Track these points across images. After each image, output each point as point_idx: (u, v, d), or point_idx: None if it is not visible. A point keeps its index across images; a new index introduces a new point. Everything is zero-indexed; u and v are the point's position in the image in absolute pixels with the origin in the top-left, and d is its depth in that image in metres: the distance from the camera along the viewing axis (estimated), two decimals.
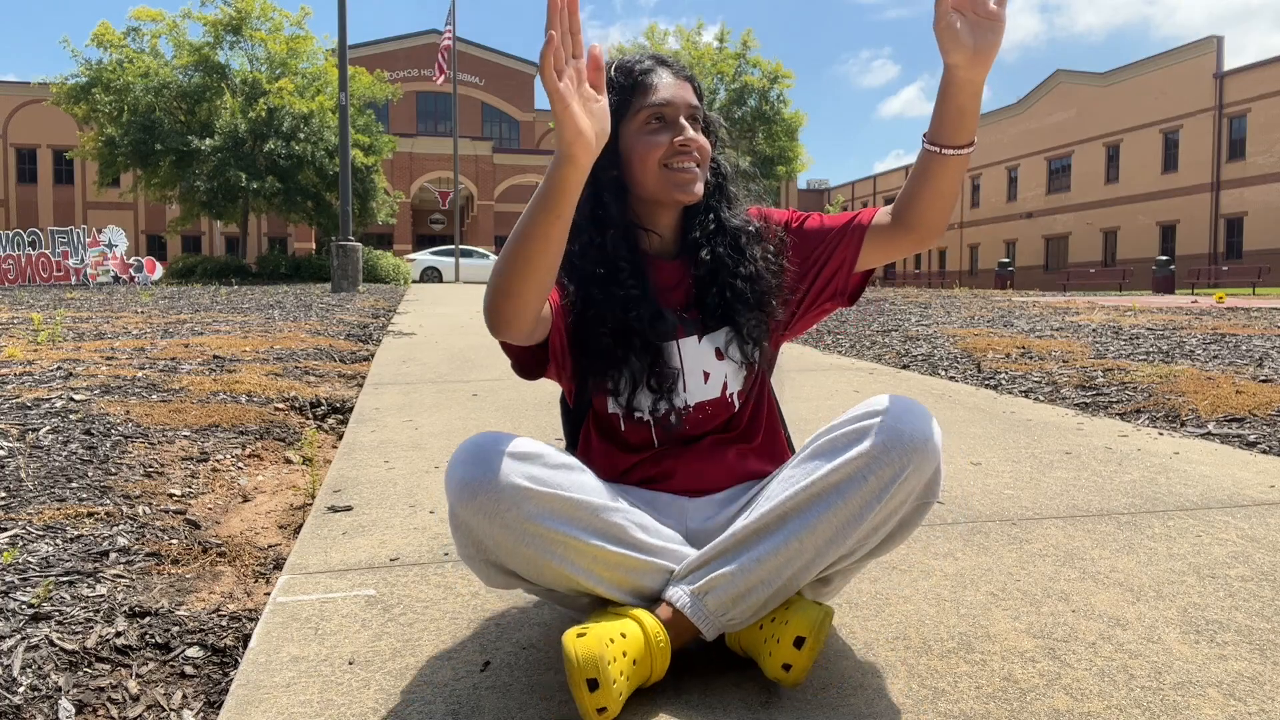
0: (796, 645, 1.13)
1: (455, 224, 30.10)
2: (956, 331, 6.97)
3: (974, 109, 1.23)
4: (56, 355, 4.89)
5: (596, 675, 1.06)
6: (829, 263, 1.41)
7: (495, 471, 1.13)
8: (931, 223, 1.33)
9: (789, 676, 1.14)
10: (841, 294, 1.43)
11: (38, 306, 10.06)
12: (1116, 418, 3.44)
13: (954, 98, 1.22)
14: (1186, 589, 1.56)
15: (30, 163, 43.57)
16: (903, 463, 1.16)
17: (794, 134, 29.23)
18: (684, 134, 1.32)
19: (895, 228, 1.36)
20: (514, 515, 1.13)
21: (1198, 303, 12.35)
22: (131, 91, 22.51)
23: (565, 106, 1.03)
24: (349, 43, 14.55)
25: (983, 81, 1.21)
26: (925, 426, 1.20)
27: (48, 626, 1.45)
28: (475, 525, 1.14)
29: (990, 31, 1.17)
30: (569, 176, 1.07)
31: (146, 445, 2.78)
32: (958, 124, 1.24)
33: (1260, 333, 6.37)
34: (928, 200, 1.31)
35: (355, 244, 14.15)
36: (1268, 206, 33.13)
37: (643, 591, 1.21)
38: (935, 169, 1.28)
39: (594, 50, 1.07)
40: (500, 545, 1.14)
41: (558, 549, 1.15)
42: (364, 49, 44.45)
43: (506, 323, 1.17)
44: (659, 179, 1.32)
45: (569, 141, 1.05)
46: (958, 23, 1.16)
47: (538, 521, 1.14)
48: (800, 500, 1.18)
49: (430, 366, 4.91)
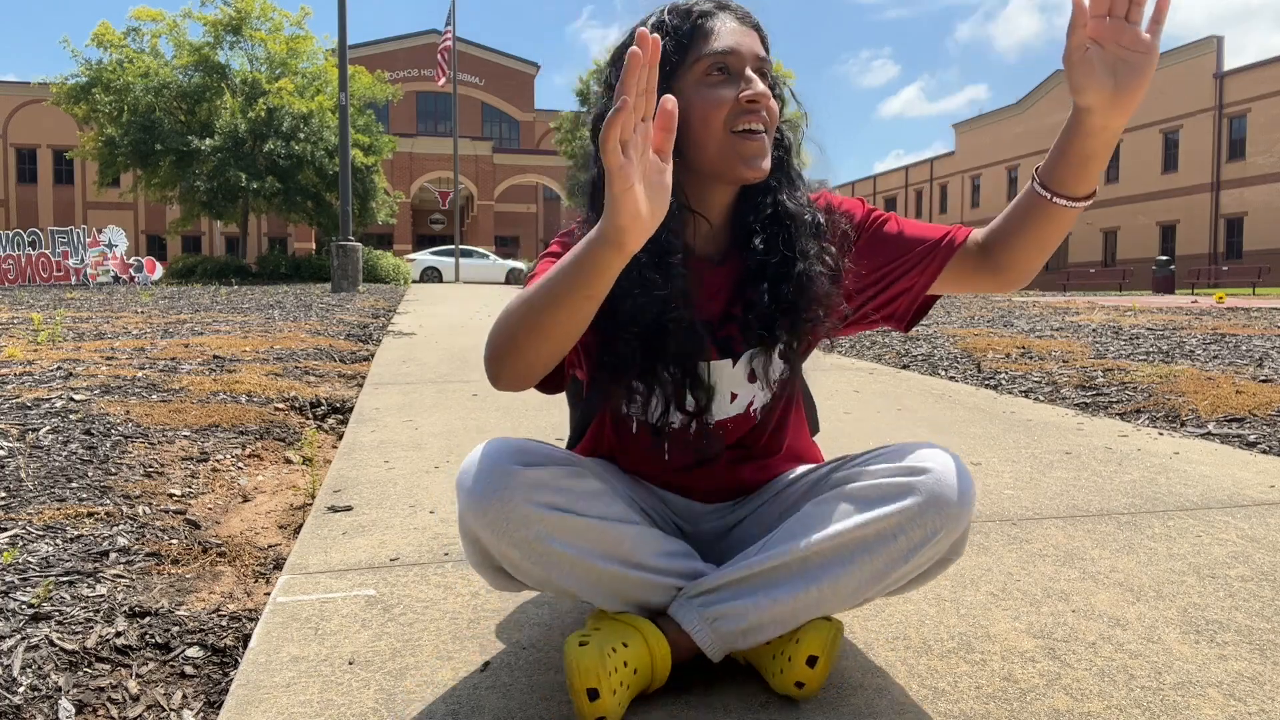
0: (809, 664, 1.10)
1: (455, 224, 30.10)
2: (956, 331, 6.97)
3: (1104, 158, 1.05)
4: (56, 355, 4.89)
5: (597, 685, 1.05)
6: (901, 279, 1.23)
7: (507, 490, 1.07)
8: (1024, 269, 1.17)
9: (802, 693, 1.13)
10: (900, 318, 1.27)
11: (38, 306, 10.07)
12: (1116, 418, 3.44)
13: (1082, 143, 1.04)
14: (1186, 589, 1.56)
15: (30, 163, 43.58)
16: (937, 525, 1.08)
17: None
18: (753, 88, 1.11)
19: (983, 261, 1.19)
20: (523, 535, 1.08)
21: (1198, 303, 12.35)
22: (131, 91, 22.51)
23: (628, 188, 0.86)
24: (349, 43, 14.55)
25: (1121, 126, 1.01)
26: (968, 490, 1.10)
27: (48, 626, 1.45)
28: (484, 538, 1.10)
29: (1137, 69, 0.97)
30: (614, 262, 0.92)
31: (146, 445, 2.78)
32: (1080, 173, 1.06)
33: (1260, 333, 6.37)
34: (1026, 245, 1.14)
35: (355, 244, 14.16)
36: (1268, 206, 33.13)
37: (648, 606, 1.19)
38: (1043, 215, 1.10)
39: (665, 104, 0.87)
40: (507, 558, 1.11)
41: (565, 567, 1.12)
42: (364, 49, 44.45)
43: (511, 380, 1.07)
44: (723, 146, 1.12)
45: (622, 228, 0.88)
46: (1095, 57, 0.97)
47: (547, 543, 1.09)
48: (827, 549, 1.10)
49: (430, 366, 4.91)
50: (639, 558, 1.16)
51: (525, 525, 1.08)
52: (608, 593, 1.16)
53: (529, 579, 1.14)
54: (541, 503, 1.09)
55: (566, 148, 27.96)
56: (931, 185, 51.66)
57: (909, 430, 3.12)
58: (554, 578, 1.12)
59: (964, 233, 1.22)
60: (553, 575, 1.12)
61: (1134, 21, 0.95)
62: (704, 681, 1.21)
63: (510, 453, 1.10)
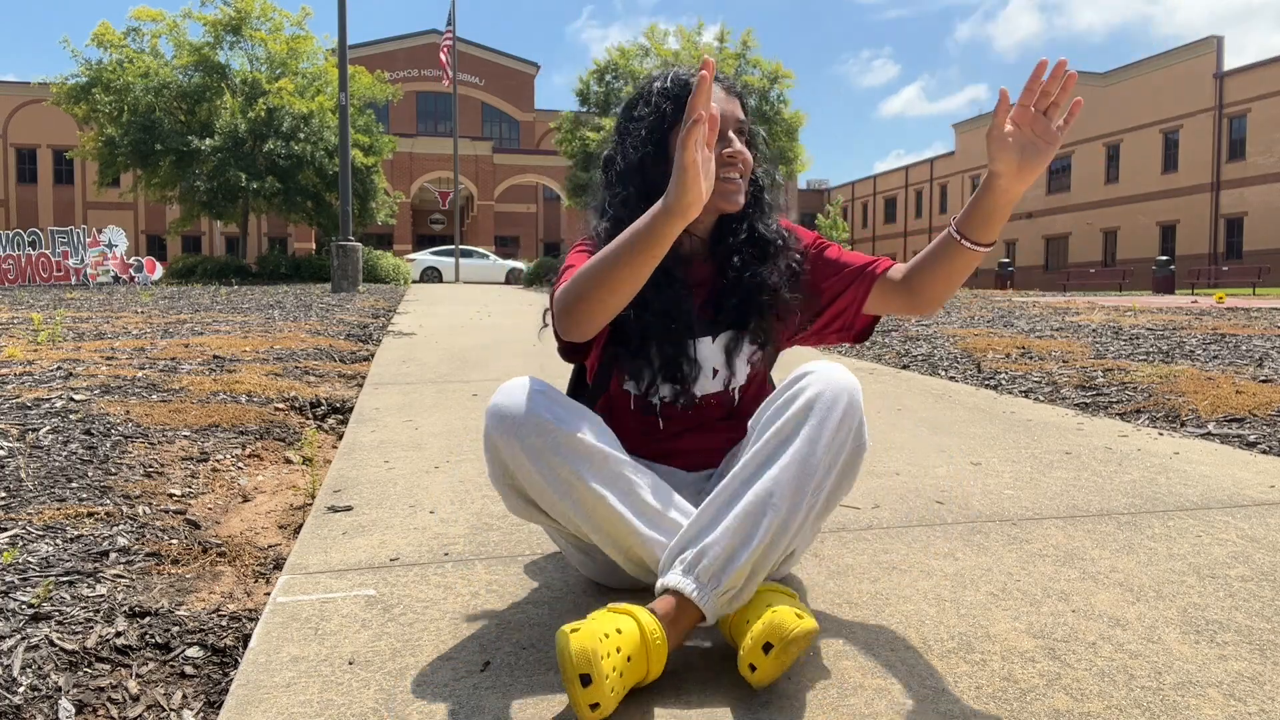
0: (764, 650, 1.13)
1: (455, 224, 30.11)
2: (956, 331, 6.97)
3: (1003, 215, 1.31)
4: (56, 355, 4.89)
5: (590, 670, 1.06)
6: (839, 298, 1.51)
7: (523, 403, 1.27)
8: (933, 297, 1.43)
9: (753, 678, 1.15)
10: (849, 330, 1.54)
11: (38, 306, 10.07)
12: (1116, 418, 3.44)
13: (989, 200, 1.29)
14: (1186, 589, 1.56)
15: (30, 163, 43.57)
16: (834, 398, 1.27)
17: (794, 134, 29.19)
18: (731, 146, 1.41)
19: (900, 288, 1.45)
20: (533, 442, 1.26)
21: (1198, 303, 12.35)
22: (131, 91, 22.49)
23: (697, 176, 1.11)
24: (349, 43, 14.54)
25: (1019, 194, 1.28)
26: (846, 375, 1.32)
27: (48, 626, 1.45)
28: (502, 447, 1.28)
29: (1041, 152, 1.23)
30: (677, 229, 1.16)
31: (146, 445, 2.78)
32: (985, 224, 1.32)
33: (1260, 333, 6.37)
34: (936, 278, 1.40)
35: (355, 244, 14.15)
36: (1268, 206, 33.13)
37: (639, 559, 1.30)
38: (952, 254, 1.36)
39: (713, 113, 1.12)
40: (521, 468, 1.28)
41: (564, 488, 1.27)
42: (364, 49, 44.44)
43: (581, 327, 1.28)
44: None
45: (689, 204, 1.12)
46: (1010, 137, 1.23)
47: (552, 453, 1.26)
48: (760, 456, 1.26)
49: (430, 366, 4.91)
50: (636, 493, 1.29)
51: (536, 433, 1.26)
52: (598, 525, 1.29)
53: (537, 496, 1.30)
54: (554, 414, 1.27)
55: (566, 148, 27.92)
56: (931, 185, 51.67)
57: (909, 430, 3.12)
58: (554, 498, 1.28)
59: (886, 264, 1.50)
60: (554, 493, 1.28)
61: (1050, 117, 1.22)
62: (702, 682, 1.21)
63: (532, 380, 1.32)
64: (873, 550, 1.79)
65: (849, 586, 1.59)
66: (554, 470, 1.27)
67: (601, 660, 1.07)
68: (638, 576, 1.35)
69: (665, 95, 1.43)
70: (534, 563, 1.73)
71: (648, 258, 1.18)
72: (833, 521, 1.98)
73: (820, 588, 1.58)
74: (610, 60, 28.24)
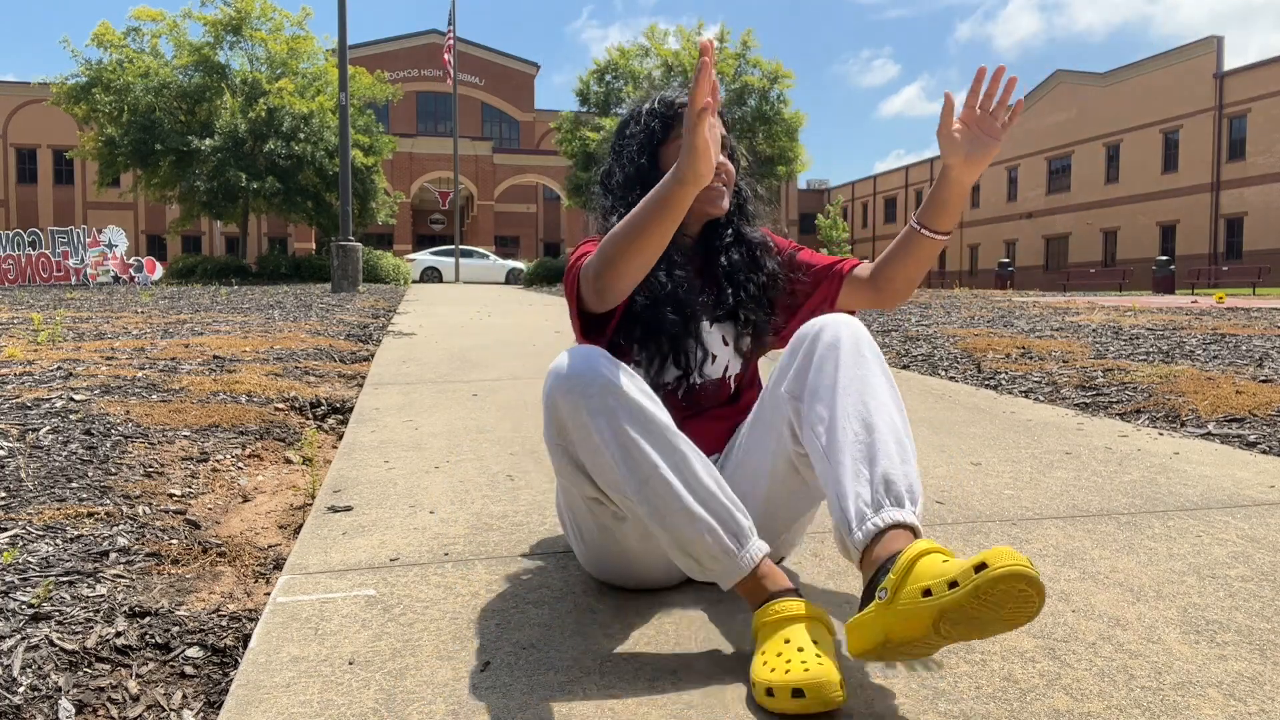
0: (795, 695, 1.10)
1: (455, 224, 30.11)
2: (956, 331, 6.97)
3: (958, 205, 1.47)
4: (56, 355, 4.89)
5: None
6: (811, 296, 1.65)
7: (596, 367, 1.29)
8: (897, 289, 1.56)
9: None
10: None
11: (38, 306, 10.07)
12: (1116, 418, 3.44)
13: (942, 191, 1.46)
14: (1186, 589, 1.56)
15: (30, 163, 43.58)
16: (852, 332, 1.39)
17: (794, 134, 29.20)
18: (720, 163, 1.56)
19: (867, 284, 1.59)
20: (598, 403, 1.26)
21: (1198, 303, 12.35)
22: (131, 91, 22.49)
23: (707, 149, 1.20)
24: (349, 43, 14.55)
25: (969, 184, 1.46)
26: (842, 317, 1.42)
27: (48, 626, 1.45)
28: (562, 405, 1.28)
29: (986, 146, 1.40)
30: (690, 196, 1.24)
31: (146, 445, 2.78)
32: (940, 213, 1.48)
33: (1260, 333, 6.37)
34: (902, 268, 1.54)
35: (355, 244, 14.16)
36: (1268, 206, 33.13)
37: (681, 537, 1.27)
38: (914, 245, 1.51)
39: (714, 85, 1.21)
40: (580, 428, 1.28)
41: (621, 453, 1.26)
42: (364, 49, 44.44)
43: (620, 291, 1.36)
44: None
45: (703, 172, 1.21)
46: (957, 135, 1.41)
47: (614, 414, 1.26)
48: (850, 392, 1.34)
49: (430, 366, 4.91)
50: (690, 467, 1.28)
51: (604, 393, 1.27)
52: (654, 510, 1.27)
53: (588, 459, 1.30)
54: (622, 380, 1.29)
55: (566, 148, 27.93)
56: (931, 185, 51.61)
57: None
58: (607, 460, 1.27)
59: (852, 262, 1.63)
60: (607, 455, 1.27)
61: (995, 118, 1.41)
62: (705, 678, 1.21)
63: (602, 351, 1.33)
64: None
65: (849, 586, 1.58)
66: (613, 433, 1.27)
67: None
68: (674, 558, 1.31)
69: (653, 115, 1.59)
70: (534, 563, 1.73)
71: (670, 223, 1.27)
72: None
73: (820, 588, 1.58)
74: (610, 60, 28.26)
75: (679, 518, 1.26)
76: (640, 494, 1.27)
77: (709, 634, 1.38)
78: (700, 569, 1.29)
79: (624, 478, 1.27)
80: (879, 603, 1.12)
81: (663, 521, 1.27)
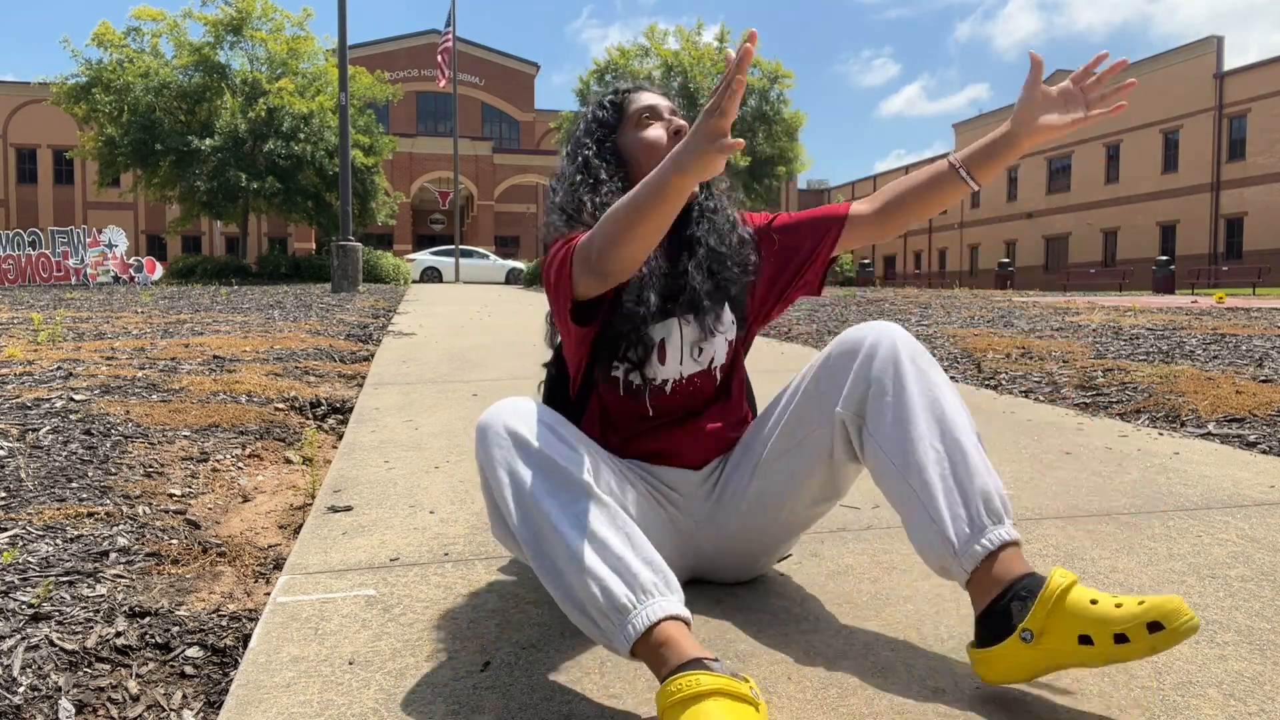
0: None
1: (455, 224, 30.10)
2: (956, 331, 6.97)
3: (1006, 163, 1.44)
4: (56, 355, 4.89)
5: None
6: (802, 253, 1.57)
7: (509, 418, 1.23)
8: (905, 222, 1.53)
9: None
10: (811, 285, 1.60)
11: (38, 306, 10.07)
12: (1116, 418, 3.44)
13: (999, 146, 1.42)
14: (1186, 589, 1.56)
15: (30, 163, 43.57)
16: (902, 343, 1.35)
17: (794, 134, 29.23)
18: (677, 121, 1.52)
19: (869, 218, 1.53)
20: (503, 454, 1.21)
21: (1198, 303, 12.35)
22: (132, 91, 22.48)
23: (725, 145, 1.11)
24: (349, 43, 14.55)
25: (1028, 148, 1.42)
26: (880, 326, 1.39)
27: (48, 626, 1.45)
28: (478, 450, 1.24)
29: (1062, 122, 1.38)
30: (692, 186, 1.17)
31: (146, 445, 2.78)
32: (987, 165, 1.44)
33: (1260, 333, 6.36)
34: (918, 204, 1.50)
35: (355, 244, 14.15)
36: (1268, 206, 33.13)
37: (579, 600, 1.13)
38: (945, 184, 1.46)
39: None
40: (488, 471, 1.23)
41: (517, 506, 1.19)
42: (364, 49, 44.44)
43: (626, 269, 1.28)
44: None
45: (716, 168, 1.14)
46: (1041, 96, 1.38)
47: (515, 464, 1.20)
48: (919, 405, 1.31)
49: (430, 366, 4.91)
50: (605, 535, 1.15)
51: (516, 445, 1.21)
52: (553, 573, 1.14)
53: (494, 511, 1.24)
54: (545, 435, 1.22)
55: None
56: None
57: None
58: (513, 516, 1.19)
59: (845, 206, 1.58)
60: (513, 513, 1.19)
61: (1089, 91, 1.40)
62: None
63: (525, 403, 1.28)
64: (873, 550, 1.79)
65: (849, 586, 1.58)
66: (514, 484, 1.19)
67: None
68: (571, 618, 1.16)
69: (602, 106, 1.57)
70: None
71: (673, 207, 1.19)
72: (832, 521, 1.98)
73: (820, 588, 1.58)
74: (610, 60, 28.27)
75: (570, 570, 1.12)
76: (533, 546, 1.17)
77: (709, 634, 1.38)
78: (597, 629, 1.12)
79: (518, 526, 1.18)
80: (1024, 644, 1.10)
81: (555, 575, 1.14)
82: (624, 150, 1.52)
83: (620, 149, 1.52)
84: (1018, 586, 1.14)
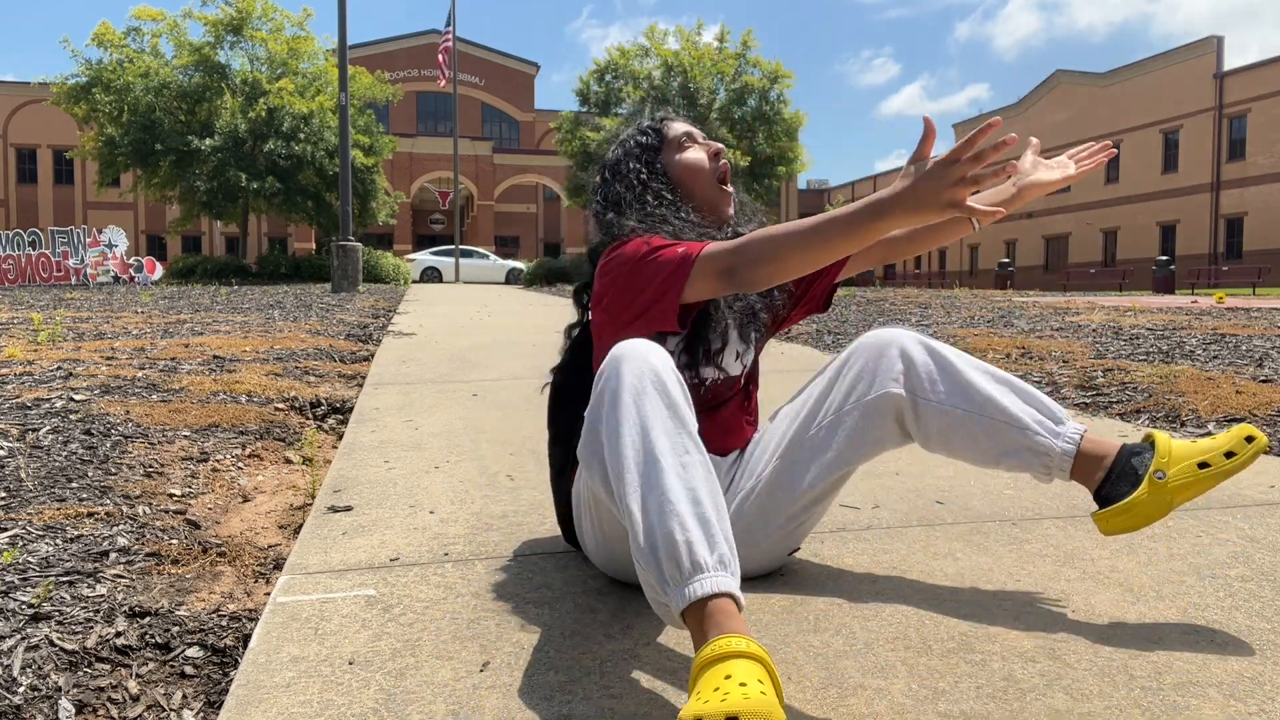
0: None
1: (455, 224, 30.12)
2: (957, 332, 6.97)
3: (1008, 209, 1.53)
4: (56, 355, 4.89)
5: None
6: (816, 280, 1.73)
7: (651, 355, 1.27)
8: (912, 250, 1.71)
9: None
10: (818, 303, 1.76)
11: (38, 306, 10.07)
12: (1116, 418, 3.44)
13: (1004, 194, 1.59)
14: (1186, 589, 1.56)
15: (30, 163, 43.58)
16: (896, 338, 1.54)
17: (794, 134, 29.19)
18: (715, 145, 1.69)
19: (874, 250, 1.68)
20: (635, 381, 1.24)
21: (1198, 303, 12.35)
22: (132, 91, 22.48)
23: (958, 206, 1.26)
24: (349, 43, 14.55)
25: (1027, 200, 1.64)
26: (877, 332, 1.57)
27: (48, 626, 1.45)
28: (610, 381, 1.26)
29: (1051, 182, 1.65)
30: (895, 225, 1.28)
31: (146, 445, 2.78)
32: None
33: (1260, 333, 6.36)
34: (926, 240, 1.67)
35: (355, 244, 14.15)
36: (1268, 206, 33.13)
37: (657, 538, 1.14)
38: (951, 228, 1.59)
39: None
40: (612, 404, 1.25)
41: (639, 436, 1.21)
42: (364, 49, 44.43)
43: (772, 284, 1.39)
44: (710, 193, 1.65)
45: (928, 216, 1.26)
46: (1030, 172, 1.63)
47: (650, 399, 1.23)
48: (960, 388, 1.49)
49: (430, 366, 4.91)
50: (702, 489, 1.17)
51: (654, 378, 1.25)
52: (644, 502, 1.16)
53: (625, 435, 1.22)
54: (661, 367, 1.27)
55: (566, 148, 27.91)
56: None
57: None
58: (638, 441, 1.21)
59: None
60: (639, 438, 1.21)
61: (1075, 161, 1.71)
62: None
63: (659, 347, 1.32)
64: (873, 550, 1.79)
65: (849, 586, 1.59)
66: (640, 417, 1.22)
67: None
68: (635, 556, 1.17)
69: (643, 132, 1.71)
70: (534, 563, 1.73)
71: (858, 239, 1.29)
72: (832, 521, 1.98)
73: (820, 588, 1.58)
74: (610, 60, 28.24)
75: (666, 509, 1.14)
76: (642, 468, 1.18)
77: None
78: (659, 575, 1.12)
79: (631, 448, 1.20)
80: (1158, 483, 1.36)
81: (646, 508, 1.16)
82: (667, 169, 1.67)
83: (665, 168, 1.67)
84: (1126, 450, 1.41)
